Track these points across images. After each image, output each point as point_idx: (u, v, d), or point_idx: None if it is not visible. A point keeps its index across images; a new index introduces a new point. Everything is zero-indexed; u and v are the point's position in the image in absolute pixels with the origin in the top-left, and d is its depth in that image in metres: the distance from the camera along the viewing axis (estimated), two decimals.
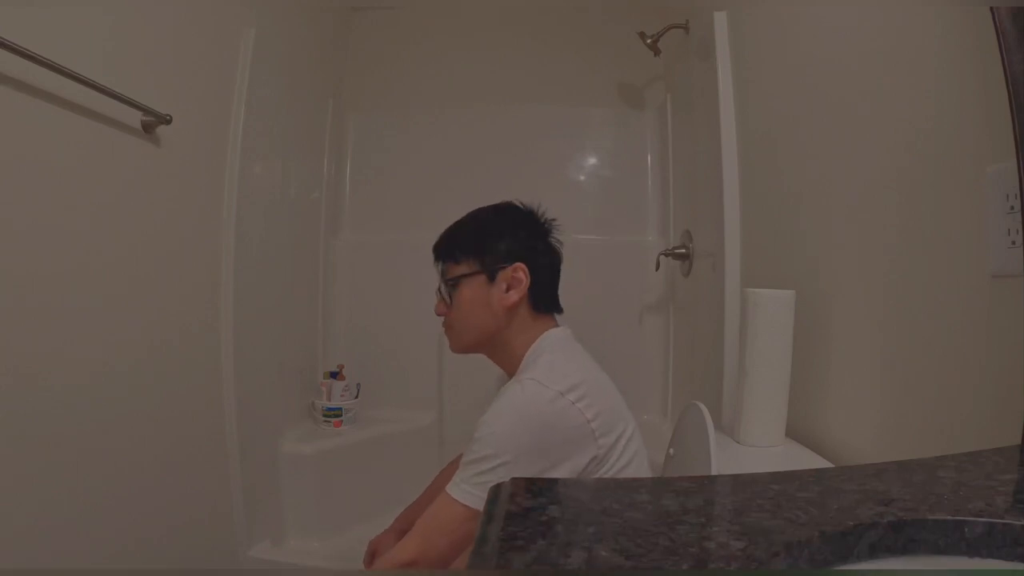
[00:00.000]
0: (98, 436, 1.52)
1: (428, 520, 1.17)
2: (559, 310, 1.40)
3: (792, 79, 1.58)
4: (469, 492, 1.12)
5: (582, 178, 2.91)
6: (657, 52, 2.52)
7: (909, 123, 1.12)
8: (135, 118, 1.61)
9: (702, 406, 1.32)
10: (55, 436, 1.39)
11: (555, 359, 1.25)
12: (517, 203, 1.40)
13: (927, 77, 1.07)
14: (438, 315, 1.39)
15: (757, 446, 1.34)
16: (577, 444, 1.15)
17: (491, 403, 1.19)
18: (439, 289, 1.38)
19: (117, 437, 1.57)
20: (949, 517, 0.55)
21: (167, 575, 1.73)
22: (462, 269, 1.34)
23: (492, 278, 1.31)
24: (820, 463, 1.27)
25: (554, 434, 1.14)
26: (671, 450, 1.47)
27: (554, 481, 0.67)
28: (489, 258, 1.32)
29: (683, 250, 2.39)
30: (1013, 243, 0.85)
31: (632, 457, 1.23)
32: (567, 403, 1.15)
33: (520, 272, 1.31)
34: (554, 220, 1.41)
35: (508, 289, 1.31)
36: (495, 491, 0.61)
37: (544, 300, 1.36)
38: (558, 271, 1.40)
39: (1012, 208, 0.85)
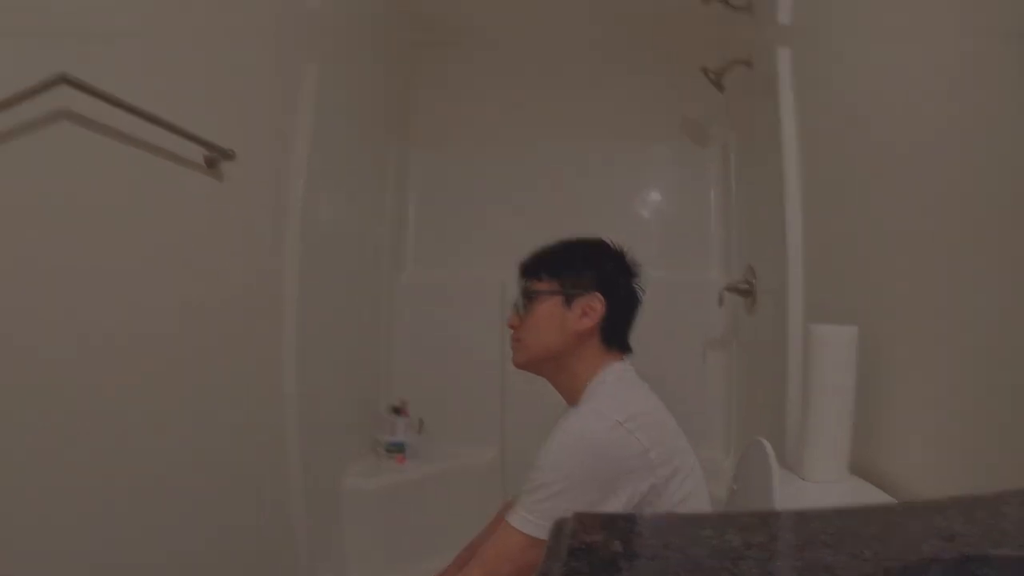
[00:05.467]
0: (163, 469, 1.53)
1: (490, 549, 1.18)
2: (628, 350, 1.39)
3: (857, 115, 1.56)
4: (529, 520, 1.13)
5: (645, 214, 2.93)
6: (721, 88, 2.53)
7: (978, 157, 1.10)
8: (198, 154, 1.62)
9: (765, 442, 1.31)
10: (117, 472, 1.41)
11: (616, 390, 1.27)
12: (608, 240, 1.42)
13: (997, 111, 1.06)
14: (510, 327, 1.40)
15: (820, 482, 1.33)
16: (635, 473, 1.15)
17: (551, 432, 1.20)
18: (515, 304, 1.40)
19: (182, 470, 1.59)
20: (1013, 553, 0.55)
21: None
22: (542, 286, 1.35)
23: (569, 302, 1.33)
24: (883, 499, 1.25)
25: (612, 463, 1.15)
26: (734, 486, 1.46)
27: (616, 516, 0.68)
28: (570, 282, 1.34)
29: (746, 285, 2.37)
30: None
31: (691, 490, 1.22)
32: (625, 432, 1.15)
33: (597, 302, 1.32)
34: (641, 266, 1.42)
35: (582, 316, 1.32)
36: (557, 526, 0.62)
37: (615, 337, 1.36)
38: (634, 313, 1.40)
39: None
